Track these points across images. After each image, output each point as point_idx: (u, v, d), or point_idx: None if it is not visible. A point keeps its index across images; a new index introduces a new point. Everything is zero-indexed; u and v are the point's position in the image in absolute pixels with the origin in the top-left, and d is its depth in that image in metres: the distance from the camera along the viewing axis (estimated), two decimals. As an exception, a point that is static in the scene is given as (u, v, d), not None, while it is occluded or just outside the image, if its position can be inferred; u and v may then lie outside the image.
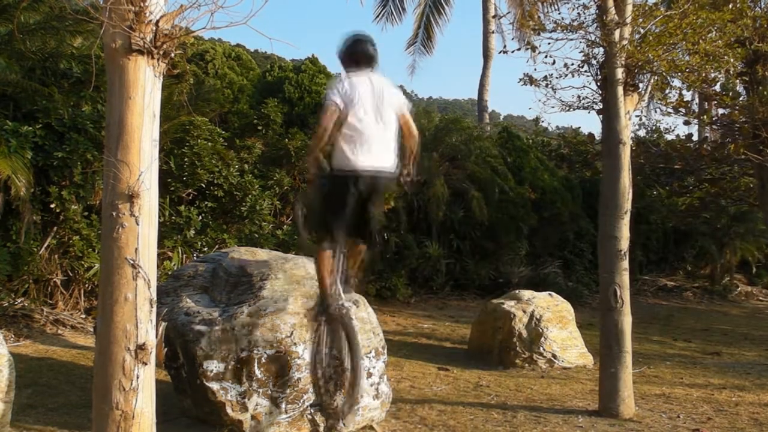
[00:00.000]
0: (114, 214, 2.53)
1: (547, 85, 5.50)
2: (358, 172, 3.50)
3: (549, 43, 5.17)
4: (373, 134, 3.52)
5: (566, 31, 5.06)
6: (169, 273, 6.02)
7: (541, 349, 6.56)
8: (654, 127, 14.51)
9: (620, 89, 4.98)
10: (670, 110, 9.03)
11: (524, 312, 6.69)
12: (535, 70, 6.45)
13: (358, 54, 3.66)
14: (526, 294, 7.08)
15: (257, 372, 3.85)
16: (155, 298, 2.62)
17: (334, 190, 3.59)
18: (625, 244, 4.98)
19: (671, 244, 15.19)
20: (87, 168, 6.52)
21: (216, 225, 7.64)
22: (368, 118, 3.52)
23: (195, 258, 6.73)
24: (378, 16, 20.01)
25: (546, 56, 5.29)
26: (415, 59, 20.80)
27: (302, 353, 4.00)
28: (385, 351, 4.45)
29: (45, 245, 6.49)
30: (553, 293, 7.27)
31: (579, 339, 6.92)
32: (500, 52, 6.55)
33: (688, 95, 14.22)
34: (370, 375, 4.24)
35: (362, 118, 3.50)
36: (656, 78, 5.39)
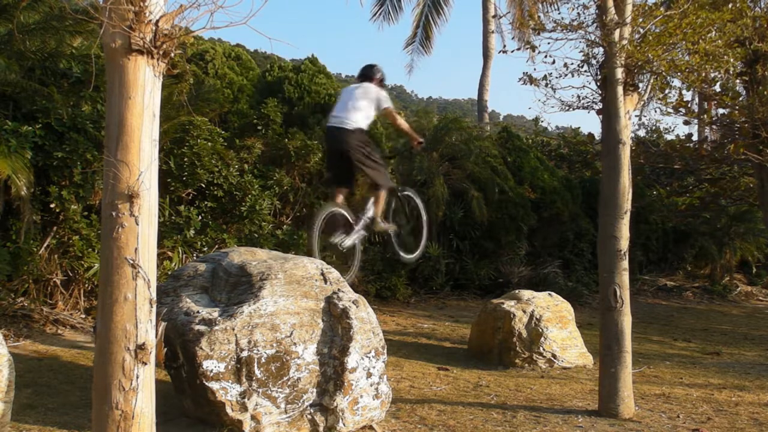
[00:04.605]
0: (114, 214, 2.53)
1: (546, 85, 5.51)
2: (329, 128, 5.58)
3: (549, 43, 5.18)
4: (339, 112, 5.52)
5: (566, 30, 5.06)
6: (169, 273, 6.02)
7: (541, 348, 6.56)
8: (653, 127, 14.53)
9: (620, 89, 4.98)
10: (670, 110, 9.04)
11: (524, 312, 6.69)
12: (535, 69, 6.46)
13: (359, 73, 5.94)
14: (526, 294, 7.08)
15: (257, 372, 3.85)
16: (155, 298, 2.62)
17: (325, 148, 6.24)
18: (625, 244, 4.98)
19: (671, 244, 15.18)
20: (87, 168, 6.51)
21: (216, 225, 7.64)
22: (340, 104, 5.64)
23: (195, 258, 6.72)
24: (375, 15, 20.05)
25: (546, 56, 5.30)
26: (413, 59, 20.85)
27: (302, 353, 4.01)
28: (385, 351, 4.45)
29: (45, 245, 6.48)
30: (552, 293, 7.26)
31: (579, 339, 6.92)
32: (500, 52, 6.55)
33: (688, 95, 14.25)
34: (369, 375, 4.24)
35: (337, 106, 5.66)
36: (656, 78, 5.39)
